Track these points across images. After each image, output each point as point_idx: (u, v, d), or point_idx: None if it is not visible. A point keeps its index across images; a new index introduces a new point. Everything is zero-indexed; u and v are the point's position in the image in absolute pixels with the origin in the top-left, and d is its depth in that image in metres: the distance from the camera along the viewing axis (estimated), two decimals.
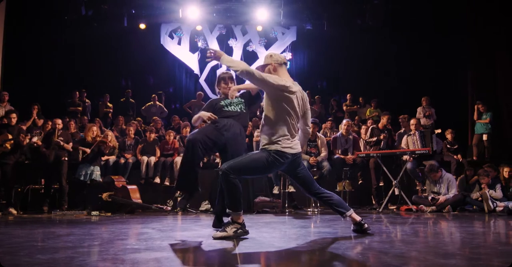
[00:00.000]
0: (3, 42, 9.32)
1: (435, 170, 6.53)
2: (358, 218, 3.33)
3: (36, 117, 8.66)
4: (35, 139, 6.79)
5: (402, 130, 7.87)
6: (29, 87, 10.28)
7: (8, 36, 9.46)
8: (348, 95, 11.34)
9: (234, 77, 3.88)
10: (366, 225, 3.31)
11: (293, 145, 3.14)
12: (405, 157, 7.02)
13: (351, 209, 3.34)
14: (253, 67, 3.09)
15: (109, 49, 11.95)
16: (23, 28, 10.30)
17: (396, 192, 6.84)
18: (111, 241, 3.04)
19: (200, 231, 3.75)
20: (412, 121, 7.42)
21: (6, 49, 9.42)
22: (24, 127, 7.58)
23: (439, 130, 7.90)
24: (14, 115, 6.87)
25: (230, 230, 3.06)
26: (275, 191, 6.80)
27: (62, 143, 6.99)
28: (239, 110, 3.75)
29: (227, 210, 3.12)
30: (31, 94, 10.00)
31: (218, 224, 3.69)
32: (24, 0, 10.11)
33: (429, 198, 6.47)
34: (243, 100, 3.84)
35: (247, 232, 3.15)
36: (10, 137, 6.65)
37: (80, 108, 10.33)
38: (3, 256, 2.34)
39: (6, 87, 9.52)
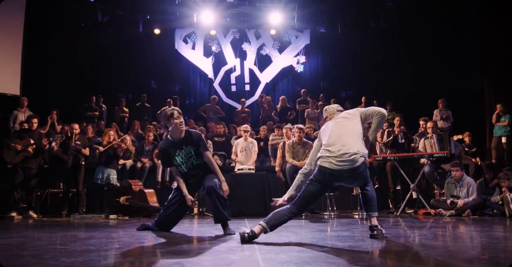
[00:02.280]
0: (22, 49, 9.50)
1: (459, 166, 6.41)
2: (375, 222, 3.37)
3: (55, 123, 8.82)
4: (54, 144, 6.90)
5: (419, 133, 7.78)
6: (47, 93, 10.45)
7: (27, 43, 9.65)
8: (362, 98, 11.28)
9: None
10: (375, 232, 3.32)
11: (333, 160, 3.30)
12: (423, 160, 6.93)
13: (376, 212, 3.42)
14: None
15: (124, 55, 12.09)
16: (41, 35, 10.48)
17: (414, 196, 6.76)
18: (132, 245, 3.07)
19: (218, 234, 3.76)
20: (429, 124, 7.33)
21: (26, 56, 9.60)
22: (43, 132, 7.72)
23: (459, 136, 7.80)
24: (35, 120, 7.03)
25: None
26: None
27: (79, 148, 7.10)
28: (191, 166, 3.97)
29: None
30: (49, 99, 10.17)
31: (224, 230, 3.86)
32: (42, 8, 10.30)
33: (448, 201, 6.38)
34: (192, 151, 3.95)
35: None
36: (32, 141, 6.80)
37: (97, 113, 10.47)
38: (29, 259, 2.39)
39: (25, 92, 9.69)
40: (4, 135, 8.13)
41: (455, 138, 7.85)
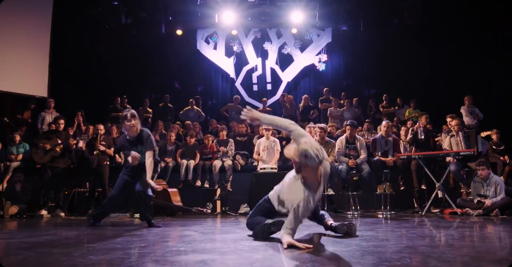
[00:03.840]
0: (49, 52, 9.76)
1: (485, 164, 6.25)
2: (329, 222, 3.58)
3: (82, 123, 9.04)
4: (81, 144, 7.09)
5: (446, 130, 7.62)
6: (73, 94, 10.70)
7: (54, 46, 9.90)
8: (384, 96, 11.14)
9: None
10: (336, 227, 3.49)
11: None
12: (449, 159, 6.78)
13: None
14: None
15: (147, 56, 12.28)
16: (66, 38, 10.74)
17: (440, 195, 6.62)
18: (157, 243, 3.12)
19: (241, 233, 3.77)
20: (454, 122, 7.17)
21: (53, 58, 9.86)
22: (71, 133, 7.94)
23: (487, 133, 7.60)
24: (62, 121, 7.26)
25: None
26: None
27: (104, 148, 7.24)
28: (140, 162, 4.60)
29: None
30: (75, 101, 10.42)
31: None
32: (68, 12, 10.55)
33: (475, 201, 6.23)
34: (141, 149, 4.66)
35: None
36: (59, 141, 7.00)
37: (121, 113, 10.64)
38: (59, 257, 2.46)
39: (51, 94, 9.95)
40: (32, 135, 8.41)
41: (482, 135, 7.65)
